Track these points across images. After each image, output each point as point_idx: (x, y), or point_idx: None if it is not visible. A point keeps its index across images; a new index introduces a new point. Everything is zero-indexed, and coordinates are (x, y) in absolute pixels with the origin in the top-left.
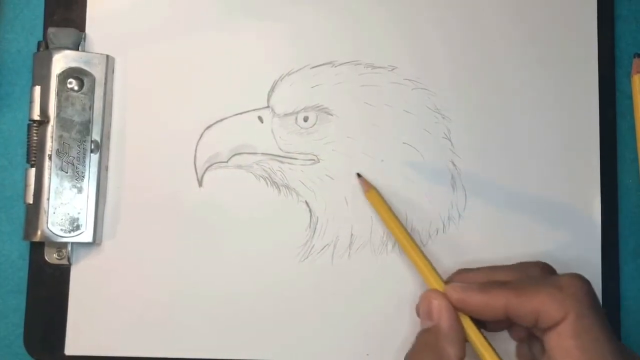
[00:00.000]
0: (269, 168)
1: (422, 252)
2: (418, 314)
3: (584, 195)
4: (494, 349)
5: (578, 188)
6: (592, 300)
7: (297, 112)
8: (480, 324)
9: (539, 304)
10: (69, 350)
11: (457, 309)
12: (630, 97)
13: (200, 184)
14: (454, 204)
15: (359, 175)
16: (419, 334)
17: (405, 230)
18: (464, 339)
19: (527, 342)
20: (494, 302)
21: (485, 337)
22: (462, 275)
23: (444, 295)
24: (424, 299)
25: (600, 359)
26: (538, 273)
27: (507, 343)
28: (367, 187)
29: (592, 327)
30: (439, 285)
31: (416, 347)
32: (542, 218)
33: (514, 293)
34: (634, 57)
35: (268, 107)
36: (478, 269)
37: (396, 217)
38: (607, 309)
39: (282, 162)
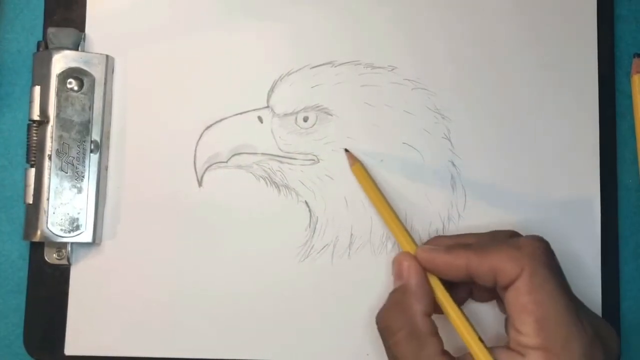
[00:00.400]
0: (269, 168)
1: (399, 220)
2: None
3: (584, 195)
4: (460, 309)
5: (578, 188)
6: (548, 258)
7: (297, 112)
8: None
9: (497, 262)
10: (68, 350)
11: (425, 270)
12: (630, 97)
13: (200, 184)
14: (454, 204)
15: (346, 150)
16: (390, 293)
17: (386, 201)
18: (432, 298)
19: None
20: (457, 262)
21: (452, 297)
22: (435, 240)
23: (415, 257)
24: (395, 261)
25: (555, 313)
26: (503, 238)
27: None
28: (353, 160)
29: (546, 282)
30: (412, 249)
31: (386, 304)
32: (541, 218)
33: (475, 253)
34: (634, 57)
35: (268, 107)
36: (451, 235)
37: (379, 190)
38: (607, 308)
39: (281, 162)
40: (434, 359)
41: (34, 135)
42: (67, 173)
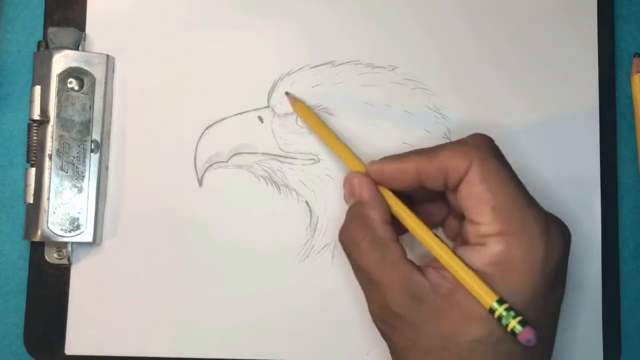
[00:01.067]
0: (269, 168)
1: (345, 144)
2: (346, 201)
3: (584, 195)
4: (416, 215)
5: (578, 188)
6: (494, 149)
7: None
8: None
9: (445, 159)
10: (69, 350)
11: (377, 183)
12: (630, 97)
13: (200, 183)
14: None
15: (287, 93)
16: (347, 211)
17: (331, 130)
18: (387, 206)
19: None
20: (406, 165)
21: (405, 205)
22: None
23: (364, 175)
24: (346, 180)
25: (510, 198)
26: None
27: None
28: (294, 101)
29: (497, 171)
30: (360, 168)
31: (345, 221)
32: None
33: (424, 155)
34: (634, 57)
35: (268, 107)
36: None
37: (323, 123)
38: (608, 309)
39: (282, 162)
40: (399, 262)
41: (35, 135)
42: (67, 173)
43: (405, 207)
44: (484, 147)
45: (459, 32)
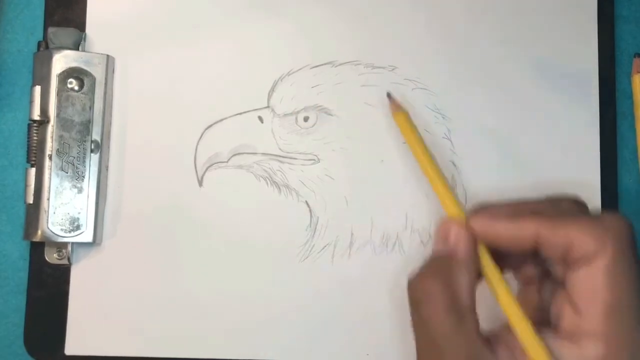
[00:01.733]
0: (269, 168)
1: (445, 180)
2: (434, 243)
3: (584, 195)
4: (508, 286)
5: (578, 188)
6: (632, 241)
7: (297, 112)
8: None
9: (575, 233)
10: (69, 350)
11: (480, 239)
12: (630, 97)
13: (200, 184)
14: None
15: (389, 95)
16: (430, 258)
17: (433, 157)
18: (479, 271)
19: (537, 285)
20: (524, 231)
21: (500, 272)
22: (486, 208)
23: (465, 224)
24: (443, 224)
25: (629, 302)
26: (571, 207)
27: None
28: (396, 108)
29: (630, 268)
30: (458, 214)
31: (424, 271)
32: None
33: (547, 221)
34: (634, 57)
35: (268, 107)
36: (501, 202)
37: (424, 145)
38: None
39: (282, 162)
40: (471, 336)
41: (35, 135)
42: (67, 173)
43: (499, 274)
44: (624, 237)
45: (459, 32)
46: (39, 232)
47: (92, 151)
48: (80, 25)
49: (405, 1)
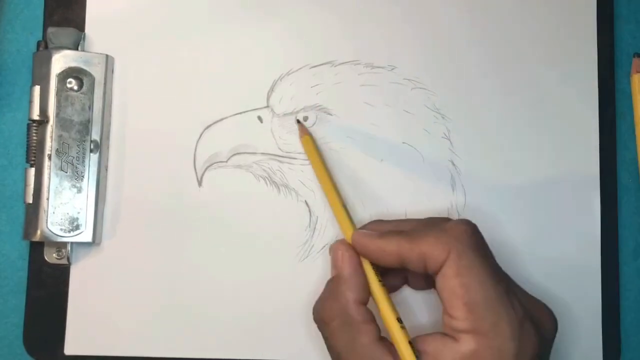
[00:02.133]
0: (269, 168)
1: (341, 200)
2: (331, 269)
3: (584, 196)
4: (388, 297)
5: (578, 188)
6: (474, 240)
7: (297, 112)
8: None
9: (426, 247)
10: (68, 350)
11: (360, 255)
12: (630, 97)
13: (200, 183)
14: (454, 203)
15: (298, 121)
16: (327, 283)
17: (332, 180)
18: (366, 286)
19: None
20: (388, 248)
21: (382, 284)
22: (373, 224)
23: (349, 245)
24: (331, 249)
25: (483, 295)
26: (440, 223)
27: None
28: (303, 132)
29: (473, 265)
30: (350, 232)
31: (321, 295)
32: (541, 218)
33: (406, 239)
34: (634, 57)
35: (267, 107)
36: (391, 220)
37: (326, 168)
38: (607, 309)
39: (281, 161)
40: (369, 347)
41: (34, 135)
42: (67, 173)
43: (378, 285)
44: (464, 239)
45: (459, 32)
46: (39, 232)
47: (91, 151)
48: (80, 25)
49: (404, 1)
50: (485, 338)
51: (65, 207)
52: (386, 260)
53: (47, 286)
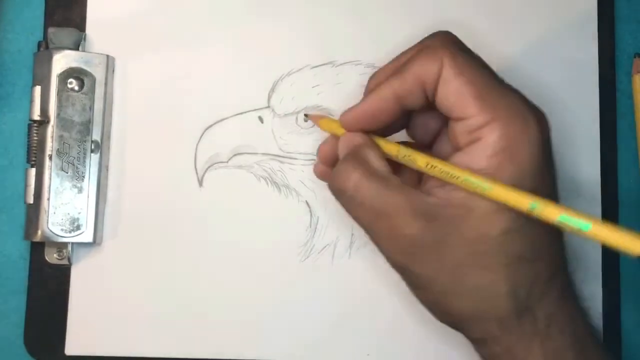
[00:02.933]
0: (269, 168)
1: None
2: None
3: (584, 196)
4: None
5: (578, 188)
6: (459, 43)
7: (298, 112)
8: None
9: (418, 69)
10: (69, 350)
11: (362, 126)
12: (630, 97)
13: (200, 184)
14: None
15: (306, 115)
16: (340, 160)
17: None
18: (380, 149)
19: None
20: (384, 96)
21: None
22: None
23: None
24: (341, 142)
25: (490, 85)
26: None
27: None
28: (317, 119)
29: (470, 61)
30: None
31: (336, 168)
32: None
33: (395, 77)
34: (634, 57)
35: (268, 107)
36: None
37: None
38: (607, 309)
39: (282, 162)
40: (403, 187)
41: (35, 135)
42: (67, 173)
43: (407, 147)
44: (450, 43)
45: (458, 32)
46: (39, 232)
47: (92, 151)
48: (80, 25)
49: (404, 1)
50: (507, 121)
51: (66, 207)
52: (386, 113)
53: (47, 286)
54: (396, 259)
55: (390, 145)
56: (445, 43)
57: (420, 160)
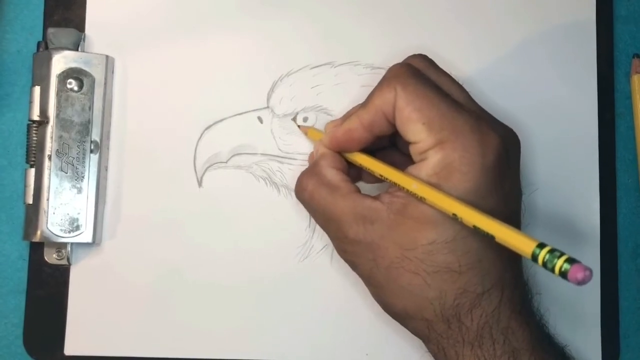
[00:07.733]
0: (269, 168)
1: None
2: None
3: (583, 196)
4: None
5: (577, 188)
6: (412, 71)
7: (297, 113)
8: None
9: (377, 101)
10: (68, 350)
11: (337, 149)
12: (629, 97)
13: (200, 184)
14: None
15: (295, 121)
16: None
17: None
18: (339, 158)
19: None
20: (352, 125)
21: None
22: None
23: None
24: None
25: (437, 111)
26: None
27: None
28: (305, 129)
29: (419, 90)
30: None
31: (299, 178)
32: (541, 218)
33: (361, 106)
34: (633, 58)
35: (268, 107)
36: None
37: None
38: (607, 309)
39: (281, 162)
40: (349, 195)
41: (34, 135)
42: (67, 173)
43: (378, 161)
44: (402, 74)
45: (458, 32)
46: (39, 232)
47: (91, 151)
48: (80, 26)
49: (404, 1)
50: (448, 144)
51: (65, 207)
52: (359, 138)
53: (47, 286)
54: (344, 256)
55: (362, 157)
56: (399, 74)
57: (377, 171)
